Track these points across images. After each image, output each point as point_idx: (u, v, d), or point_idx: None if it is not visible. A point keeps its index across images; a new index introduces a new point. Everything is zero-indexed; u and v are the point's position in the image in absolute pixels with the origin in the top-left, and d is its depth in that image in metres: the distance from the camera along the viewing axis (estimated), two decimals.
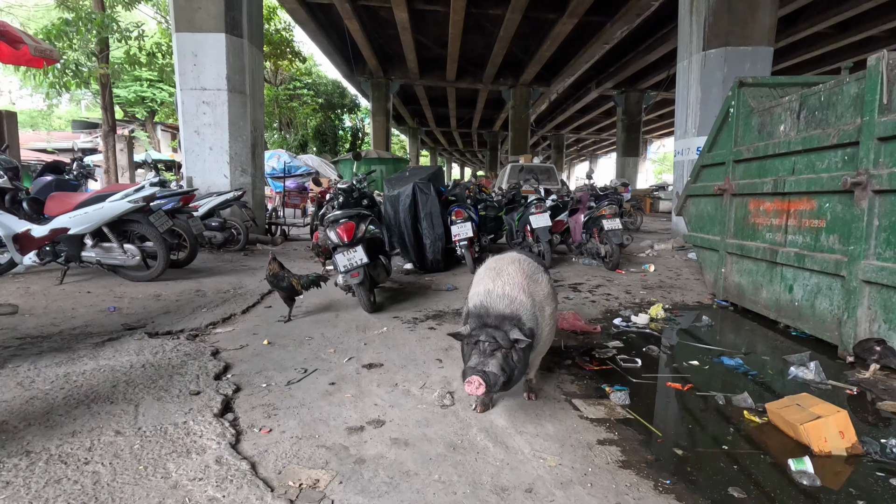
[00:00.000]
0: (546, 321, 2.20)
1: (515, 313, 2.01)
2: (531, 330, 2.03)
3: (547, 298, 2.25)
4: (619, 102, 20.42)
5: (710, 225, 4.77)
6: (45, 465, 1.73)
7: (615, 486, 1.75)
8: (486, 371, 1.88)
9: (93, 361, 2.67)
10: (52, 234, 4.21)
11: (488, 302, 2.05)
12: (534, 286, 2.18)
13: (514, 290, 2.08)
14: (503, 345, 1.93)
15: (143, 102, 18.78)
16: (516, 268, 2.22)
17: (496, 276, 2.16)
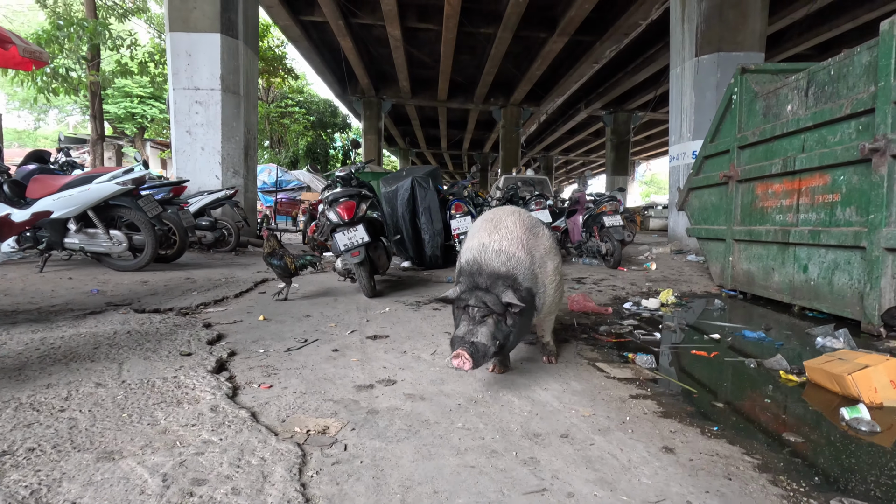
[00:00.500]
0: (549, 277, 1.98)
1: (511, 272, 1.80)
2: (529, 290, 1.83)
3: (549, 254, 2.02)
4: (608, 122, 20.78)
5: (715, 215, 4.70)
6: (13, 412, 1.51)
7: (658, 432, 1.58)
8: (473, 342, 1.67)
9: (72, 329, 2.45)
10: (34, 219, 3.98)
11: (482, 258, 1.83)
12: (534, 240, 1.96)
13: (511, 246, 1.85)
14: (495, 310, 1.72)
15: (133, 119, 18.62)
16: (515, 220, 2.00)
17: (493, 229, 1.94)
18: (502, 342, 1.75)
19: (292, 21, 13.69)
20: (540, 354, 2.34)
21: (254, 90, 7.79)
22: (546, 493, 1.21)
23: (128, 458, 1.29)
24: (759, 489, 1.26)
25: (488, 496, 1.20)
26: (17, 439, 1.35)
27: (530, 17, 12.96)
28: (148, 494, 1.13)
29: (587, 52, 15.02)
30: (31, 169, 4.50)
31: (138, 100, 18.43)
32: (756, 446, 1.51)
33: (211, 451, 1.34)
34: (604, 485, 1.26)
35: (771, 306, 3.84)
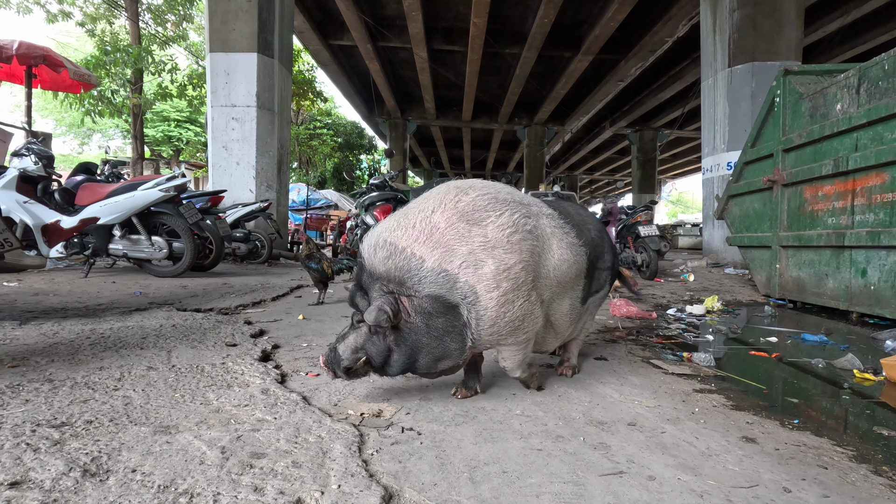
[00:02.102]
0: (487, 283, 1.35)
1: (391, 273, 1.36)
2: (435, 300, 1.34)
3: (495, 248, 1.37)
4: (634, 140, 20.62)
5: (759, 222, 4.54)
6: (69, 389, 1.51)
7: (734, 423, 1.47)
8: (335, 348, 1.45)
9: (120, 322, 2.47)
10: (82, 225, 4.11)
11: (365, 249, 1.43)
12: (463, 230, 1.36)
13: (405, 237, 1.37)
14: (365, 319, 1.38)
15: (169, 142, 19.38)
16: (442, 199, 1.42)
17: (403, 215, 1.45)
18: (377, 360, 1.41)
19: (322, 45, 14.14)
20: (591, 355, 2.24)
21: (287, 107, 8.01)
22: (625, 476, 1.12)
23: (184, 432, 1.26)
24: (861, 478, 1.15)
25: (562, 476, 1.11)
26: (75, 413, 1.34)
27: (555, 37, 13.09)
28: (208, 465, 1.09)
29: (612, 71, 15.04)
30: (80, 179, 4.66)
31: (175, 123, 19.21)
32: (847, 439, 1.39)
33: (266, 428, 1.30)
34: (686, 469, 1.16)
35: (825, 314, 3.65)
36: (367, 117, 21.00)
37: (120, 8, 10.76)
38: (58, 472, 1.03)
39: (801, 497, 1.05)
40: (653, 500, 1.02)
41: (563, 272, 1.56)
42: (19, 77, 7.91)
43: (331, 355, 1.44)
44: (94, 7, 11.54)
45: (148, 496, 0.96)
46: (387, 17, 13.18)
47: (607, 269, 1.86)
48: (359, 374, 1.46)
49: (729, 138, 7.30)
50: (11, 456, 1.08)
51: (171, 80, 10.74)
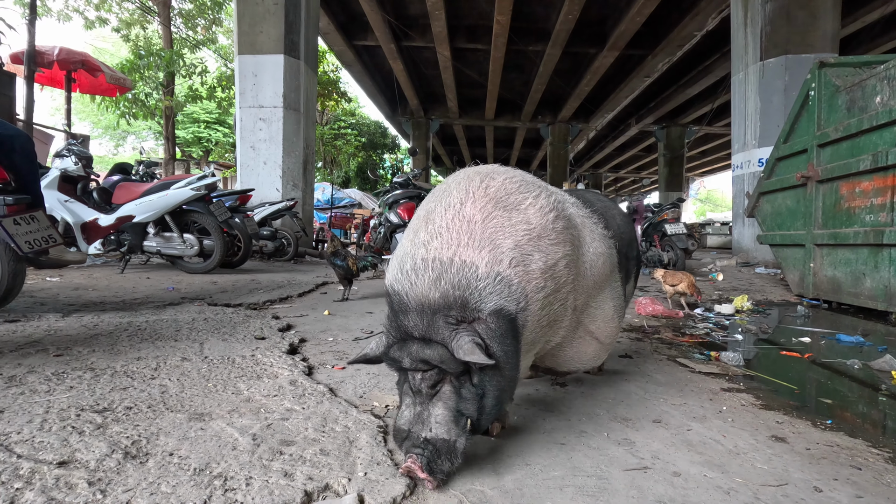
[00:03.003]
0: (535, 283, 1.10)
1: (455, 298, 1.02)
2: (500, 313, 1.04)
3: (541, 239, 1.13)
4: (661, 137, 20.19)
5: (792, 219, 4.40)
6: (109, 377, 1.58)
7: (763, 422, 1.44)
8: (429, 440, 1.00)
9: (154, 316, 2.57)
10: (119, 223, 4.28)
11: (403, 281, 1.07)
12: (504, 220, 1.10)
13: (449, 246, 1.06)
14: (449, 369, 1.01)
15: (199, 143, 19.93)
16: (468, 189, 1.15)
17: (425, 219, 1.14)
18: (478, 416, 1.04)
19: (346, 46, 14.30)
20: (615, 352, 2.22)
21: (313, 108, 8.14)
22: (649, 471, 1.12)
23: (217, 419, 1.31)
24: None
25: (585, 470, 1.12)
26: (116, 399, 1.40)
27: (580, 33, 12.92)
28: (240, 450, 1.13)
29: (638, 67, 14.77)
30: (117, 179, 4.85)
31: (204, 125, 19.74)
32: (883, 440, 1.35)
33: (295, 417, 1.34)
34: (712, 467, 1.15)
35: (862, 315, 3.52)
36: (391, 117, 21.15)
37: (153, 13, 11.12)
38: (101, 453, 1.09)
39: (833, 497, 1.03)
40: (678, 496, 1.02)
41: (597, 269, 1.34)
42: (59, 81, 8.27)
43: (429, 453, 0.98)
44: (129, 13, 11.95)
45: (185, 478, 1.01)
46: (410, 16, 13.25)
47: (633, 259, 1.70)
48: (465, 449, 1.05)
49: (760, 134, 7.09)
50: (59, 437, 1.15)
51: (202, 82, 11.05)
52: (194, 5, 12.55)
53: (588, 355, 1.42)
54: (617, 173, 34.13)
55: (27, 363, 1.66)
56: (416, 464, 0.96)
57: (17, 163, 2.34)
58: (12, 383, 1.47)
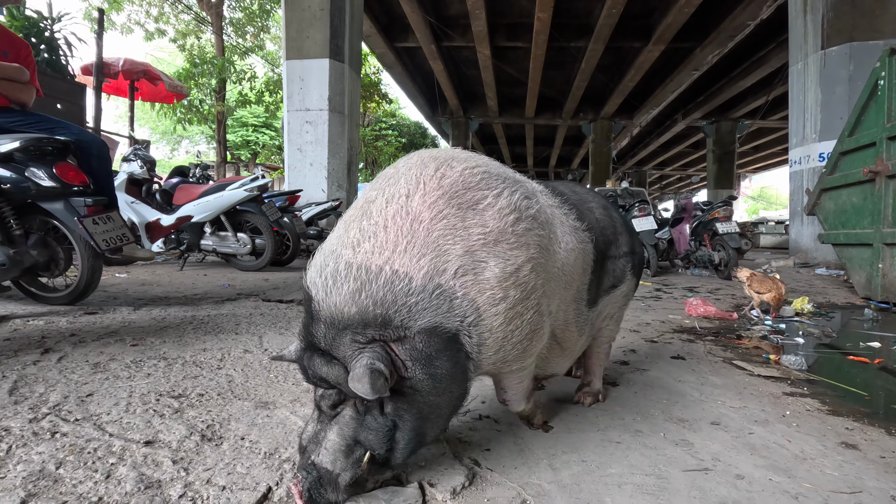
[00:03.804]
0: (489, 294, 0.93)
1: (380, 316, 0.87)
2: (432, 333, 0.89)
3: (497, 244, 0.95)
4: (710, 133, 19.39)
5: (857, 217, 4.14)
6: (181, 367, 1.69)
7: (831, 428, 1.38)
8: (313, 463, 0.90)
9: (215, 311, 2.71)
10: (179, 222, 4.53)
11: (320, 285, 0.91)
12: (458, 220, 0.93)
13: (380, 251, 0.89)
14: (349, 394, 0.91)
15: (247, 146, 20.76)
16: (424, 181, 0.96)
17: (363, 212, 0.96)
18: (382, 448, 0.91)
19: (387, 48, 14.53)
20: (666, 354, 2.17)
21: (356, 110, 8.33)
22: (711, 473, 1.10)
23: (280, 408, 1.38)
24: None
25: (643, 469, 1.11)
26: (188, 387, 1.50)
27: (623, 27, 12.60)
28: None
29: (686, 60, 14.24)
30: (176, 181, 5.13)
31: (252, 128, 20.53)
32: None
33: None
34: (778, 471, 1.12)
35: None
36: (430, 117, 21.31)
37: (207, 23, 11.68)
38: (181, 435, 1.17)
39: None
40: (742, 499, 1.00)
41: (569, 267, 1.16)
42: (123, 91, 8.81)
43: (312, 479, 0.88)
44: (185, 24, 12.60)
45: (256, 460, 1.08)
46: (450, 16, 13.31)
47: (624, 256, 1.44)
48: (361, 485, 0.96)
49: (821, 127, 6.70)
50: (143, 419, 1.25)
51: (251, 87, 11.52)
52: (244, 14, 13.09)
53: (551, 362, 1.29)
54: (662, 170, 33.02)
55: (108, 352, 1.80)
56: (296, 487, 0.88)
57: (94, 167, 2.53)
58: (97, 369, 1.60)
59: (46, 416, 1.23)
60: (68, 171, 2.36)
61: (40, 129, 2.39)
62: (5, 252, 2.32)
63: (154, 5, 12.81)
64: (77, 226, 2.29)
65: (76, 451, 1.07)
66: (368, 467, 0.94)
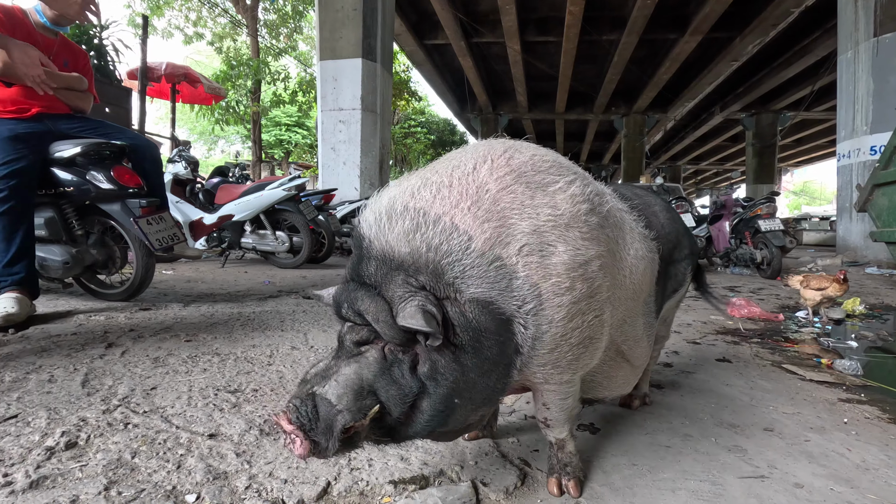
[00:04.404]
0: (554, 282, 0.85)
1: (433, 263, 0.82)
2: (482, 305, 0.82)
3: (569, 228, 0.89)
4: (749, 126, 18.68)
5: None
6: (234, 363, 1.76)
7: (893, 437, 1.33)
8: (313, 394, 0.81)
9: (259, 308, 2.81)
10: (220, 221, 4.69)
11: (374, 223, 0.86)
12: (527, 197, 0.88)
13: (443, 203, 0.85)
14: (383, 333, 0.81)
15: (280, 145, 21.26)
16: (492, 158, 0.91)
17: (429, 168, 0.94)
18: (397, 410, 0.82)
19: (417, 45, 14.58)
20: (711, 356, 2.13)
21: (388, 108, 8.40)
22: (767, 480, 1.08)
23: None
24: None
25: (696, 475, 1.10)
26: (243, 382, 1.57)
27: (658, 18, 12.26)
28: None
29: (724, 50, 13.75)
30: (218, 181, 5.31)
31: (285, 128, 21.00)
32: None
33: None
34: (839, 480, 1.09)
35: None
36: (459, 114, 21.29)
37: (243, 25, 12.01)
38: (241, 429, 1.23)
39: None
40: None
41: (637, 276, 1.07)
42: (165, 93, 9.14)
43: (307, 409, 0.79)
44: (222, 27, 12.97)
45: None
46: (480, 12, 13.25)
47: (686, 259, 1.39)
48: (355, 443, 0.84)
49: (873, 119, 6.38)
50: (204, 413, 1.31)
51: (284, 88, 11.78)
52: (277, 16, 13.37)
53: (618, 380, 1.17)
54: (697, 165, 32.03)
55: (165, 347, 1.90)
56: (285, 415, 0.78)
57: (147, 170, 2.65)
58: (158, 364, 1.69)
59: (118, 407, 1.31)
60: (124, 174, 2.48)
61: (98, 134, 2.52)
62: (69, 251, 2.46)
63: (192, 9, 13.26)
64: (133, 226, 2.41)
65: (148, 441, 1.13)
66: (368, 425, 0.81)
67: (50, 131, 2.39)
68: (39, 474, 0.97)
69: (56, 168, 2.41)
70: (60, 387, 1.43)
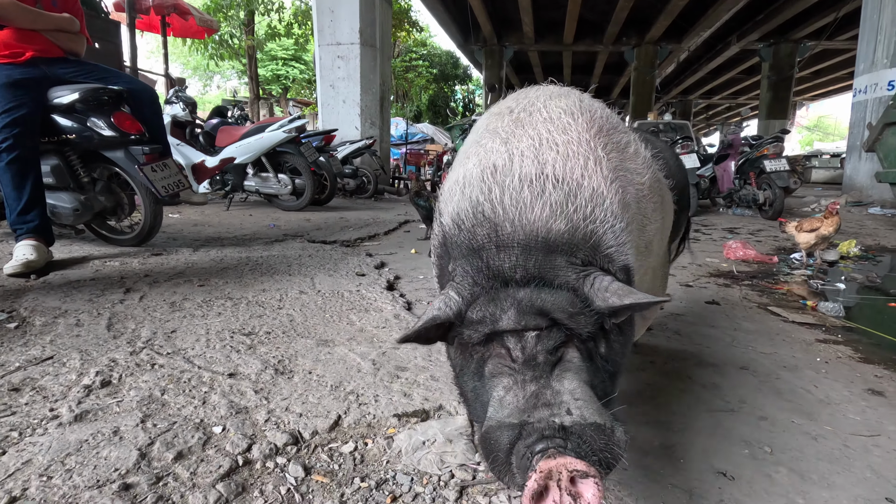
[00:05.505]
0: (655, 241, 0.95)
1: (591, 235, 0.72)
2: (626, 269, 0.76)
3: (653, 191, 0.94)
4: (766, 57, 17.80)
5: None
6: (246, 306, 1.87)
7: (860, 375, 1.44)
8: (568, 428, 0.59)
9: (266, 252, 2.89)
10: (222, 164, 4.69)
11: (501, 202, 0.73)
12: (619, 159, 0.86)
13: (578, 167, 0.77)
14: (579, 327, 0.67)
15: (278, 80, 20.54)
16: (567, 105, 0.88)
17: (516, 124, 0.85)
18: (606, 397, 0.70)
19: None
20: (700, 299, 2.22)
21: (388, 42, 8.06)
22: (735, 414, 1.19)
23: (339, 346, 1.53)
24: None
25: (669, 408, 1.21)
26: (256, 325, 1.67)
27: None
28: (364, 373, 1.35)
29: None
30: (217, 122, 5.23)
31: (282, 62, 20.18)
32: None
33: (404, 347, 1.53)
34: (801, 414, 1.20)
35: None
36: (462, 45, 20.31)
37: None
38: (258, 368, 1.34)
39: None
40: (763, 438, 1.09)
41: (665, 233, 1.10)
42: (155, 26, 8.77)
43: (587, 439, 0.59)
44: None
45: (325, 392, 1.23)
46: None
47: (685, 210, 1.44)
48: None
49: (894, 51, 6.09)
50: (223, 354, 1.42)
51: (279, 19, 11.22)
52: None
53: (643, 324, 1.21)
54: (709, 99, 30.86)
55: (180, 291, 2.00)
56: (561, 456, 0.55)
57: (147, 115, 2.64)
58: (175, 308, 1.79)
59: (143, 349, 1.42)
60: (125, 120, 2.47)
61: (94, 78, 2.49)
62: (77, 198, 2.51)
63: None
64: (138, 174, 2.44)
65: (174, 380, 1.25)
66: None
67: (46, 76, 2.37)
68: (82, 409, 1.09)
69: (56, 115, 2.40)
70: (88, 330, 1.54)
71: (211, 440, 1.01)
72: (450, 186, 0.85)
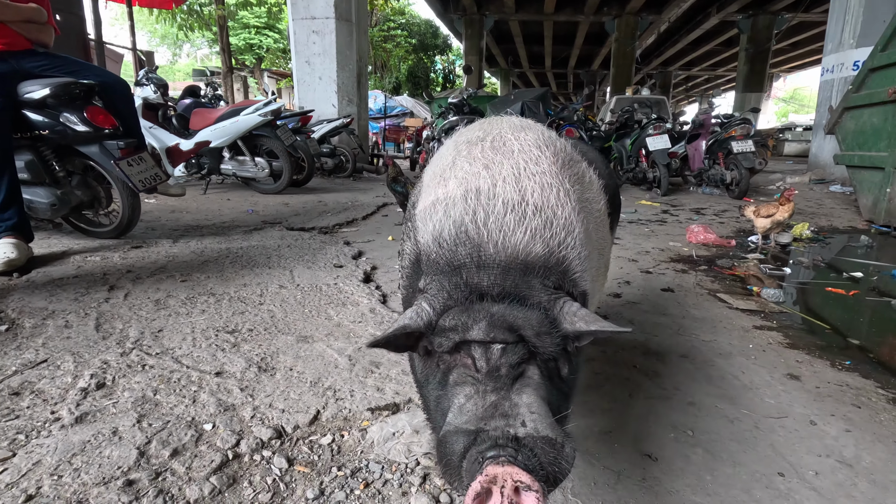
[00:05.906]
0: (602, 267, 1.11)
1: (563, 261, 0.80)
2: (584, 296, 0.83)
3: (605, 219, 1.09)
4: (745, 29, 17.87)
5: (875, 139, 4.09)
6: (228, 303, 1.96)
7: (783, 361, 1.62)
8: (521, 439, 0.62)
9: (245, 242, 2.96)
10: (197, 148, 4.65)
11: (492, 226, 0.79)
12: (581, 188, 0.96)
13: (548, 195, 0.84)
14: (543, 347, 0.71)
15: (251, 49, 19.86)
16: (535, 140, 0.96)
17: (494, 151, 0.92)
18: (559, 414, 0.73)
19: None
20: (657, 286, 2.38)
21: (364, 16, 7.90)
22: (669, 400, 1.36)
23: (318, 342, 1.65)
24: (891, 419, 1.29)
25: (613, 396, 1.37)
26: (238, 322, 1.78)
27: None
28: (341, 368, 1.47)
29: None
30: (190, 102, 5.15)
31: (255, 30, 19.47)
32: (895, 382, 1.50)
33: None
34: (725, 399, 1.37)
35: None
36: (442, 14, 19.85)
37: None
38: (242, 366, 1.45)
39: (824, 430, 1.23)
40: (688, 422, 1.26)
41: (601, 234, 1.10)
42: None
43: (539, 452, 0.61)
44: None
45: (305, 388, 1.36)
46: None
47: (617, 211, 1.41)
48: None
49: (860, 31, 6.25)
50: (209, 353, 1.53)
51: None
52: None
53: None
54: (689, 71, 30.92)
55: (164, 288, 2.08)
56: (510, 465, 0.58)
57: (120, 108, 2.64)
58: (160, 306, 1.88)
59: (132, 350, 1.52)
60: (98, 114, 2.48)
61: (65, 72, 2.48)
62: (53, 193, 2.53)
63: None
64: (114, 168, 2.47)
65: (164, 380, 1.36)
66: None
67: (16, 71, 2.35)
68: (81, 411, 1.19)
69: (27, 110, 2.40)
70: (77, 331, 1.63)
71: (203, 437, 1.13)
72: (427, 207, 0.90)
